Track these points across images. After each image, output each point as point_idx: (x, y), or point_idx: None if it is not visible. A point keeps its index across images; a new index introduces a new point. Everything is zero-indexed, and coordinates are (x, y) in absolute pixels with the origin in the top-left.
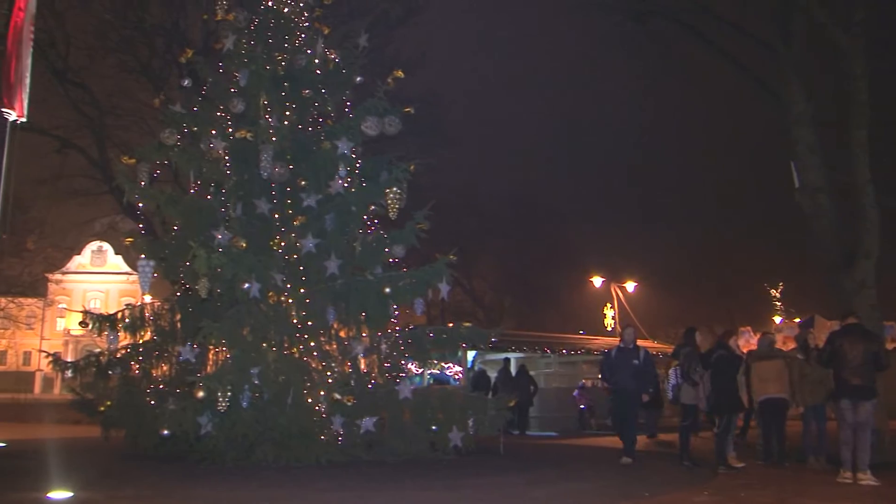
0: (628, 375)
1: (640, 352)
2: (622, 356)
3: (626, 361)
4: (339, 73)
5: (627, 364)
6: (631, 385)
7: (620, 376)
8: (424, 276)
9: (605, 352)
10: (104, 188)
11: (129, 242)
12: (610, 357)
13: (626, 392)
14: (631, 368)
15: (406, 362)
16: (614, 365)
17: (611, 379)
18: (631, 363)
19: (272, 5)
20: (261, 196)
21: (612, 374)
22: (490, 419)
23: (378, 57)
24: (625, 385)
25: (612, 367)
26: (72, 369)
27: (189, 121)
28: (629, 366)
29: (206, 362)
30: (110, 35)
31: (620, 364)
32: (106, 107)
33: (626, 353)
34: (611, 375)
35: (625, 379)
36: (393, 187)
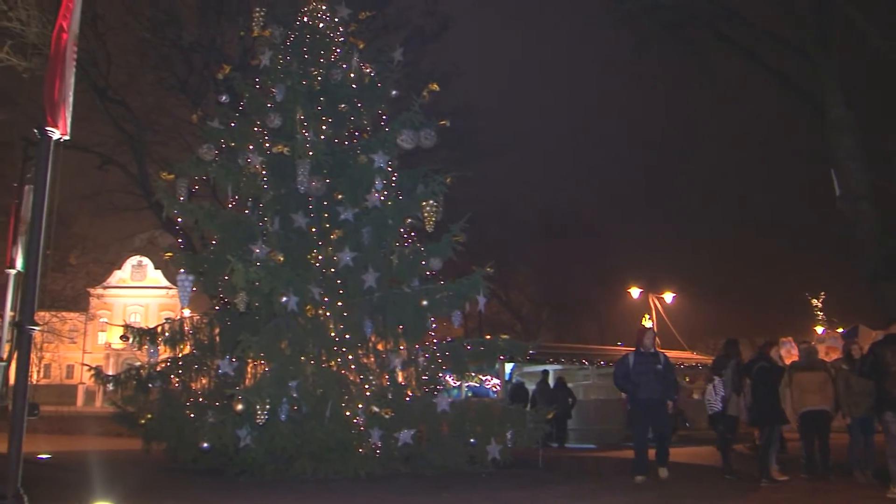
0: (653, 382)
1: (661, 357)
2: (643, 362)
3: (648, 367)
4: (374, 87)
5: (650, 370)
6: (657, 393)
7: (644, 384)
8: (461, 289)
9: (621, 359)
10: (144, 203)
11: (169, 257)
12: (627, 364)
13: (651, 402)
14: (655, 374)
15: (444, 375)
16: (636, 372)
17: (630, 388)
18: (655, 369)
19: (308, 21)
20: (298, 210)
21: (633, 383)
22: (528, 432)
23: (413, 70)
24: (650, 394)
25: (633, 375)
26: (113, 382)
27: (227, 136)
28: (653, 372)
29: (245, 376)
30: (149, 53)
31: (642, 371)
32: (145, 123)
33: (648, 358)
34: (631, 384)
35: (650, 387)
36: (429, 200)
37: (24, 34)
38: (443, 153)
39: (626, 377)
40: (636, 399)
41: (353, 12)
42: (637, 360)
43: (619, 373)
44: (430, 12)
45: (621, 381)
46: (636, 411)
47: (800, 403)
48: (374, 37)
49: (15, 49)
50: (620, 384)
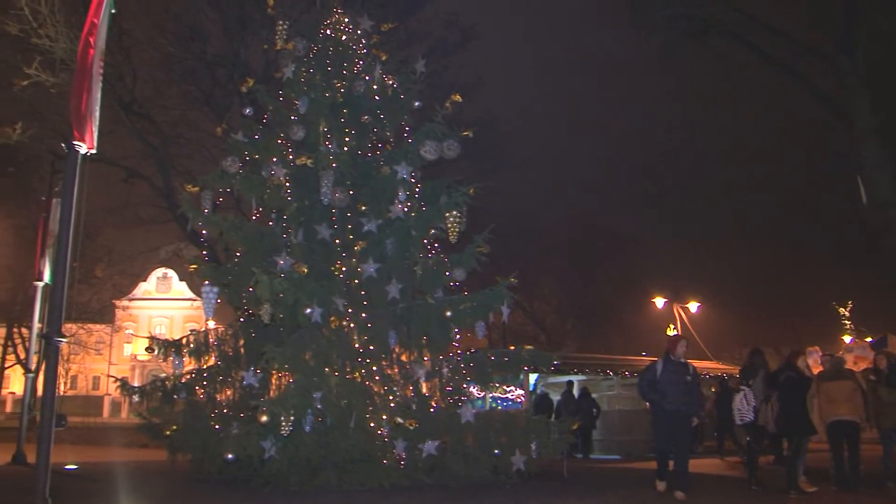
0: (681, 393)
1: (690, 367)
2: (672, 371)
3: (677, 377)
4: (397, 99)
5: (679, 380)
6: (684, 406)
7: (672, 394)
8: (485, 300)
9: (648, 366)
10: (169, 216)
11: (194, 269)
12: (654, 371)
13: (678, 414)
14: (683, 385)
15: (468, 386)
16: (663, 381)
17: (656, 397)
18: (684, 379)
19: (330, 34)
20: (322, 222)
21: (659, 392)
22: (553, 442)
23: (436, 81)
24: (677, 406)
25: (660, 384)
26: (138, 394)
27: (251, 148)
28: (682, 382)
29: (270, 387)
30: (174, 67)
31: (671, 380)
32: (170, 136)
33: (677, 367)
34: (657, 393)
35: (677, 398)
36: (452, 211)
37: (52, 50)
38: (466, 164)
39: (651, 385)
40: (661, 409)
41: (376, 24)
42: (665, 369)
43: (645, 380)
44: (452, 23)
45: (646, 389)
46: (660, 421)
47: (828, 413)
48: (397, 48)
49: (43, 65)
50: (645, 392)
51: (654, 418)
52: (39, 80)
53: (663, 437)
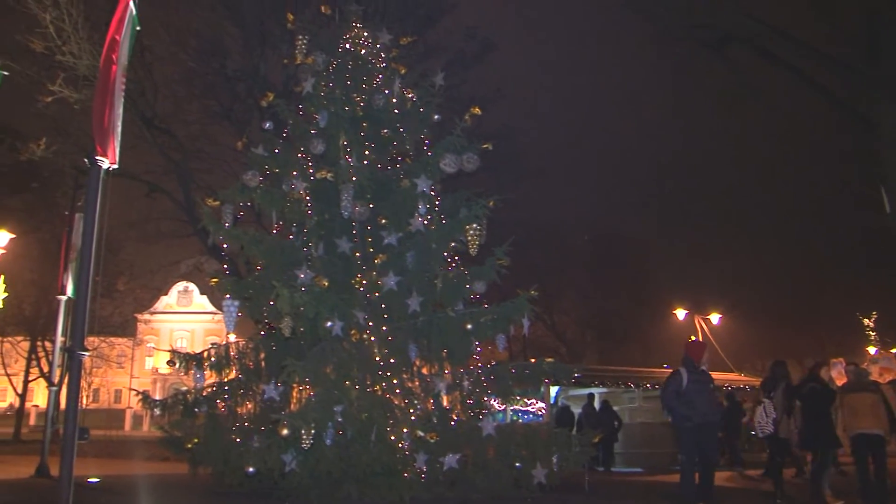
0: (707, 403)
1: (710, 376)
2: (698, 380)
3: (703, 386)
4: (416, 112)
5: (705, 389)
6: (712, 416)
7: (699, 404)
8: (506, 312)
9: (673, 374)
10: (190, 230)
11: (215, 283)
12: (679, 380)
13: (706, 425)
14: (709, 395)
15: (489, 398)
16: (691, 390)
17: (684, 408)
18: (708, 388)
19: (350, 48)
20: (342, 235)
21: (687, 402)
22: (574, 455)
23: (455, 94)
24: (705, 416)
25: (686, 395)
26: (160, 407)
27: (271, 163)
28: (707, 391)
29: (290, 400)
30: (195, 82)
31: (698, 389)
32: (191, 151)
33: (701, 376)
34: (684, 404)
35: (705, 409)
36: (472, 223)
37: (75, 67)
38: (485, 176)
39: (678, 396)
40: (689, 420)
41: (395, 38)
42: (691, 378)
43: (671, 391)
44: (470, 36)
45: (672, 399)
46: (688, 434)
47: (851, 426)
48: (416, 62)
49: (67, 81)
50: (671, 403)
51: (680, 431)
52: (63, 97)
53: (692, 450)
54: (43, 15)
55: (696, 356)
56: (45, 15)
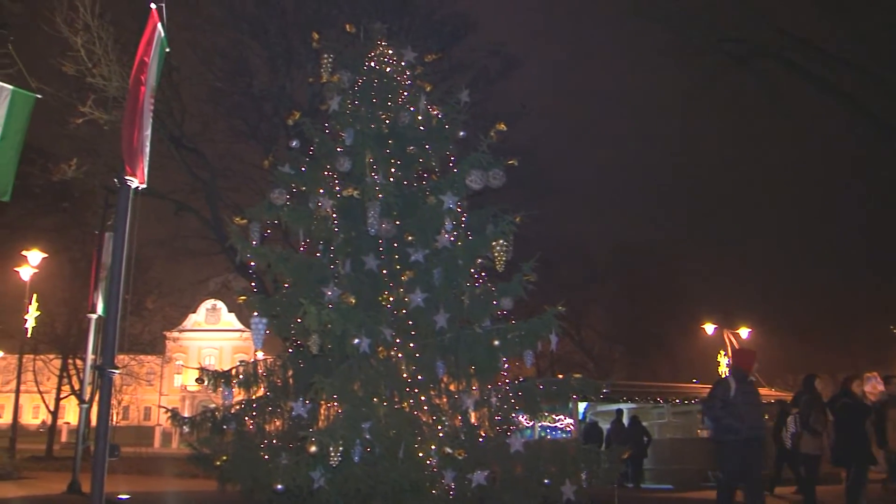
0: (757, 417)
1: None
2: (747, 391)
3: (752, 398)
4: (442, 129)
5: (754, 401)
6: (760, 432)
7: (748, 417)
8: (533, 328)
9: (719, 382)
10: (217, 248)
11: (242, 300)
12: (727, 389)
13: (753, 440)
14: (758, 408)
15: (517, 415)
16: (740, 402)
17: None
18: (758, 401)
19: (375, 66)
20: (369, 252)
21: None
22: (603, 472)
23: (480, 110)
24: (754, 431)
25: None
26: (189, 424)
27: (297, 181)
28: (756, 403)
29: (318, 417)
30: (222, 102)
31: (747, 400)
32: (218, 170)
33: (750, 386)
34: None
35: (753, 422)
36: (499, 240)
37: (105, 89)
38: (511, 192)
39: (725, 406)
40: (734, 433)
41: (420, 55)
42: (740, 388)
43: (717, 400)
44: (494, 53)
45: (719, 410)
46: (731, 449)
47: None
48: (441, 79)
49: (97, 103)
50: (717, 414)
51: (722, 446)
52: (93, 118)
53: (734, 467)
54: (74, 38)
55: (746, 365)
56: (76, 38)
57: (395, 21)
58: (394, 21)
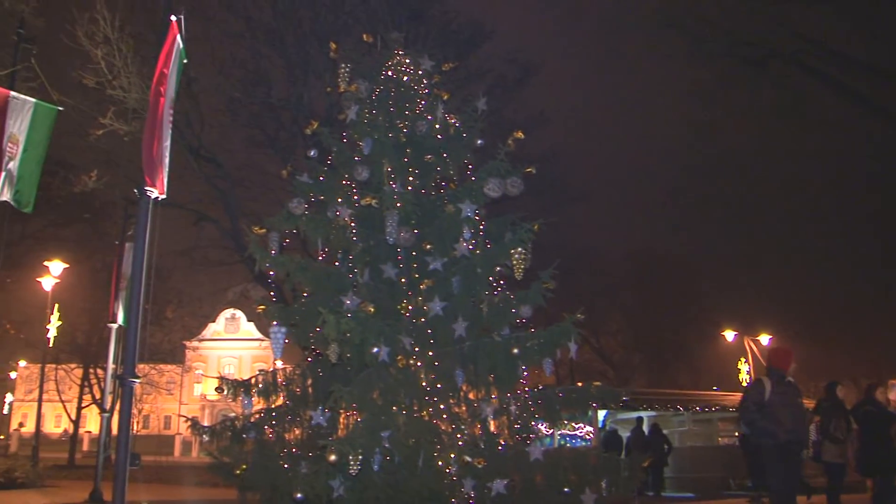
0: (796, 420)
1: (799, 390)
2: (784, 392)
3: (790, 399)
4: (459, 137)
5: (793, 403)
6: (800, 435)
7: (789, 422)
8: (552, 336)
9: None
10: (236, 258)
11: (262, 309)
12: (762, 391)
13: (792, 445)
14: (798, 411)
15: (536, 423)
16: (777, 403)
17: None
18: (797, 403)
19: (392, 75)
20: (387, 261)
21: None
22: (624, 480)
23: (497, 119)
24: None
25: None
26: (208, 433)
27: (316, 190)
28: (796, 406)
29: (338, 426)
30: (240, 112)
31: (784, 402)
32: (236, 179)
33: (788, 388)
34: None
35: (792, 425)
36: (518, 248)
37: (125, 100)
38: (530, 200)
39: (760, 409)
40: (772, 437)
41: (437, 64)
42: (776, 389)
43: (752, 402)
44: (511, 60)
45: (754, 413)
46: (769, 454)
47: None
48: (458, 87)
49: (117, 115)
50: (753, 417)
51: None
52: (113, 129)
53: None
54: (95, 51)
55: (782, 365)
56: (96, 51)
57: (412, 30)
58: (411, 30)
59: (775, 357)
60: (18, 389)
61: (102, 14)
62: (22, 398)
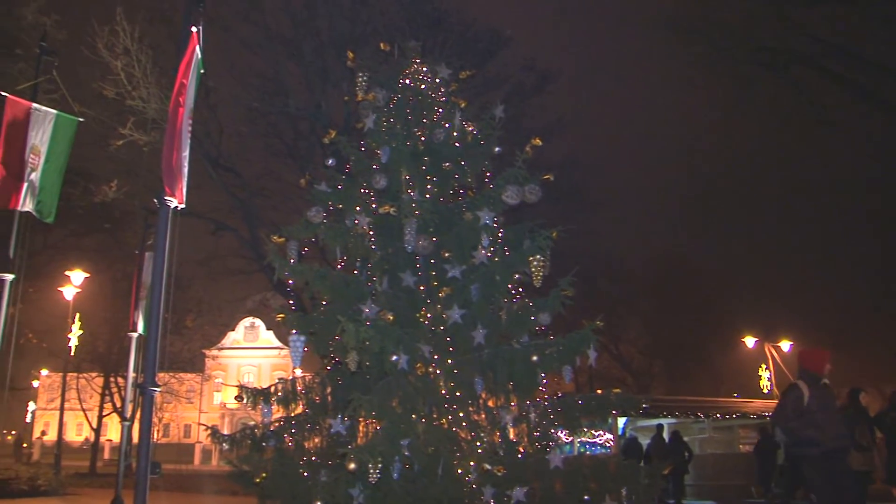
0: (838, 425)
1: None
2: (822, 395)
3: (830, 403)
4: (477, 145)
5: (832, 407)
6: (844, 442)
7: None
8: (572, 344)
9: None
10: (255, 266)
11: (281, 318)
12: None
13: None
14: (837, 416)
15: (556, 431)
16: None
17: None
18: (836, 407)
19: (409, 83)
20: (406, 269)
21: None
22: (644, 488)
23: (515, 126)
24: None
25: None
26: (228, 442)
27: (334, 198)
28: (835, 409)
29: (357, 434)
30: (258, 121)
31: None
32: (255, 189)
33: (825, 392)
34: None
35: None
36: (536, 255)
37: (144, 111)
38: (548, 207)
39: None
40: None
41: (454, 72)
42: (815, 394)
43: (790, 410)
44: (529, 67)
45: (792, 420)
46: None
47: None
48: (476, 95)
49: (137, 125)
50: (791, 425)
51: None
52: (133, 140)
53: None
54: (115, 63)
55: (816, 367)
56: (116, 63)
57: (430, 38)
58: (428, 38)
59: (809, 359)
60: (41, 398)
61: (122, 26)
62: (44, 407)
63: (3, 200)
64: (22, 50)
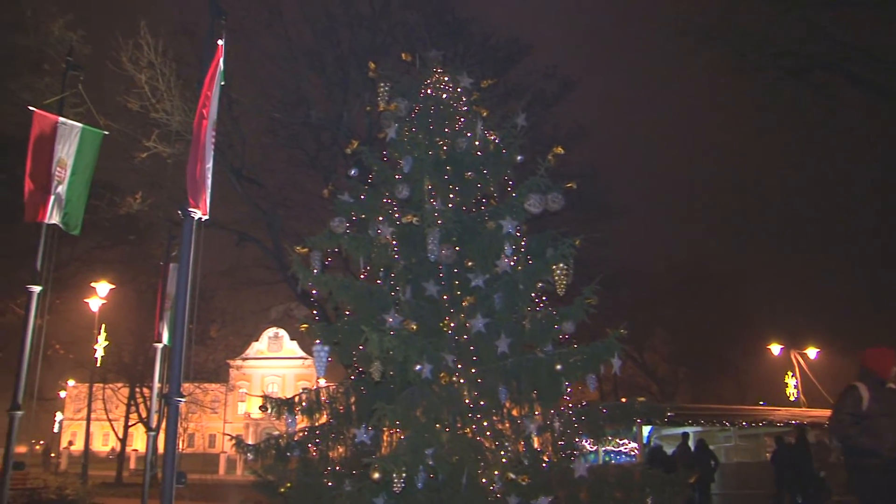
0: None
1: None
2: (884, 399)
3: (894, 410)
4: (499, 154)
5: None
6: None
7: (889, 434)
8: (596, 352)
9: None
10: (279, 277)
11: (304, 328)
12: (858, 400)
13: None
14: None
15: (580, 439)
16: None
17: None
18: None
19: (431, 93)
20: (429, 278)
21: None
22: (669, 497)
23: (537, 134)
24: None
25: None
26: (253, 452)
27: (357, 209)
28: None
29: (381, 444)
30: (280, 132)
31: (886, 412)
32: (278, 199)
33: (889, 396)
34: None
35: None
36: (559, 263)
37: (168, 123)
38: (570, 215)
39: (858, 420)
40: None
41: (476, 81)
42: (875, 397)
43: (846, 415)
44: (550, 75)
45: (849, 426)
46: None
47: None
48: (497, 103)
49: (161, 137)
50: (848, 432)
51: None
52: (157, 152)
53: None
54: (139, 76)
55: (880, 368)
56: (140, 76)
57: (451, 48)
58: (449, 48)
59: (872, 359)
60: (68, 408)
61: (146, 40)
62: (71, 417)
63: (30, 213)
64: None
